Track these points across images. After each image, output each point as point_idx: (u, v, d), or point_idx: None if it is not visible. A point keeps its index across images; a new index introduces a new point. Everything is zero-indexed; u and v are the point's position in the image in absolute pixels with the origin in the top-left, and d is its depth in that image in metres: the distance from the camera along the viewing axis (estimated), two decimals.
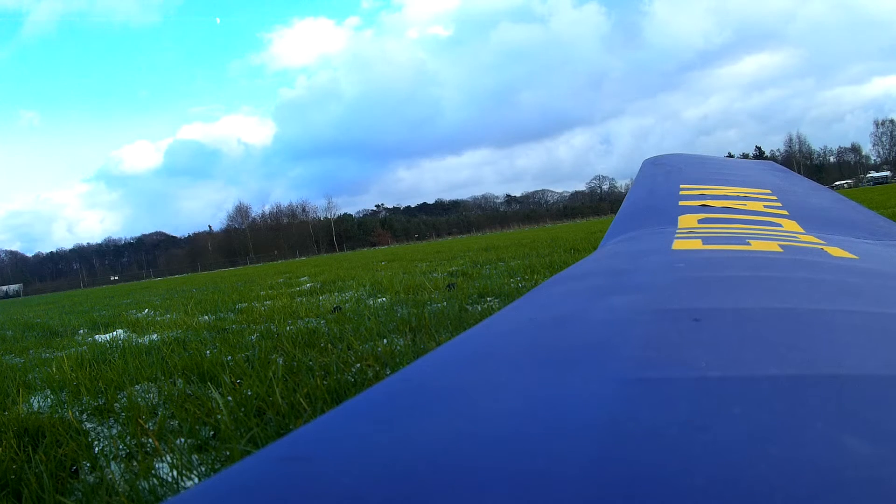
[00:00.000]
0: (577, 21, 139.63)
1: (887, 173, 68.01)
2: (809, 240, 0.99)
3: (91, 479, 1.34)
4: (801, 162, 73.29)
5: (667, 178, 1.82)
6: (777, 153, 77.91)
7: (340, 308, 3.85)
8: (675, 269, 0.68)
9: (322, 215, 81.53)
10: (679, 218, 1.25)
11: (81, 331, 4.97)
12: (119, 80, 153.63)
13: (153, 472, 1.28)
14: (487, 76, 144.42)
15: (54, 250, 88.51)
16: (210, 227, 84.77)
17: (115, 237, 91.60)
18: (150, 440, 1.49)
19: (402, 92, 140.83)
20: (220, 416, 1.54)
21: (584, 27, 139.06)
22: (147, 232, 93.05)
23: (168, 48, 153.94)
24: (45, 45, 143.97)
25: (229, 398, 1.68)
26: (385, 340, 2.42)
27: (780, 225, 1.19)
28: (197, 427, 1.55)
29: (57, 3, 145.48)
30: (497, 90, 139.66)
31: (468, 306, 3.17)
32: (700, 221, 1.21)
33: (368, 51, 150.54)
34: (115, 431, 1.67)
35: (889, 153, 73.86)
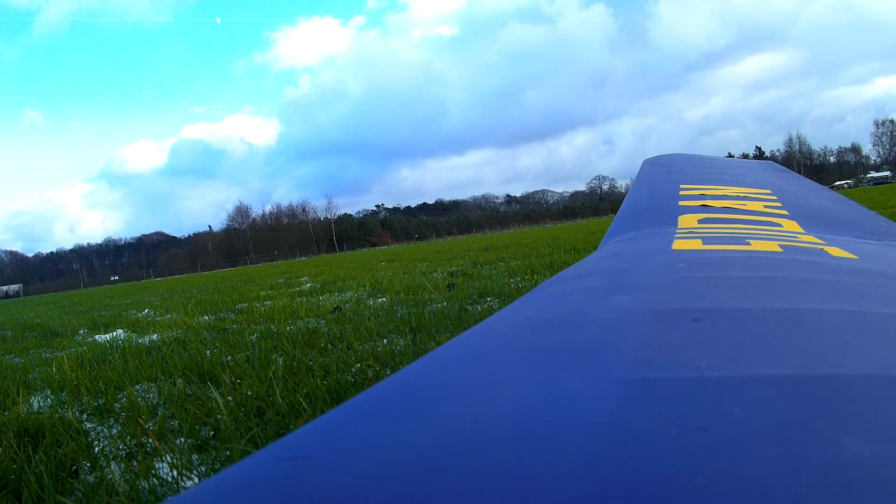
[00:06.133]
0: (583, 22, 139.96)
1: (887, 173, 68.03)
2: (809, 240, 0.99)
3: (91, 479, 1.34)
4: (801, 162, 73.25)
5: (667, 178, 1.82)
6: (777, 153, 77.93)
7: (340, 308, 3.85)
8: (675, 269, 0.68)
9: (322, 215, 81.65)
10: (679, 218, 1.25)
11: (81, 331, 4.97)
12: (123, 80, 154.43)
13: (153, 472, 1.28)
14: (492, 76, 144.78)
15: (55, 250, 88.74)
16: (210, 227, 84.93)
17: (115, 237, 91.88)
18: (150, 440, 1.49)
19: (406, 92, 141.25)
20: (220, 416, 1.54)
21: (591, 28, 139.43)
22: (147, 232, 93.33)
23: (173, 48, 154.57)
24: (52, 44, 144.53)
25: (229, 398, 1.68)
26: (385, 340, 2.42)
27: (780, 225, 1.19)
28: (197, 427, 1.55)
29: (67, 2, 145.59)
30: (501, 90, 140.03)
31: (468, 306, 3.17)
32: (700, 221, 1.21)
33: (373, 51, 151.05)
34: (115, 431, 1.67)
35: (889, 153, 73.89)
